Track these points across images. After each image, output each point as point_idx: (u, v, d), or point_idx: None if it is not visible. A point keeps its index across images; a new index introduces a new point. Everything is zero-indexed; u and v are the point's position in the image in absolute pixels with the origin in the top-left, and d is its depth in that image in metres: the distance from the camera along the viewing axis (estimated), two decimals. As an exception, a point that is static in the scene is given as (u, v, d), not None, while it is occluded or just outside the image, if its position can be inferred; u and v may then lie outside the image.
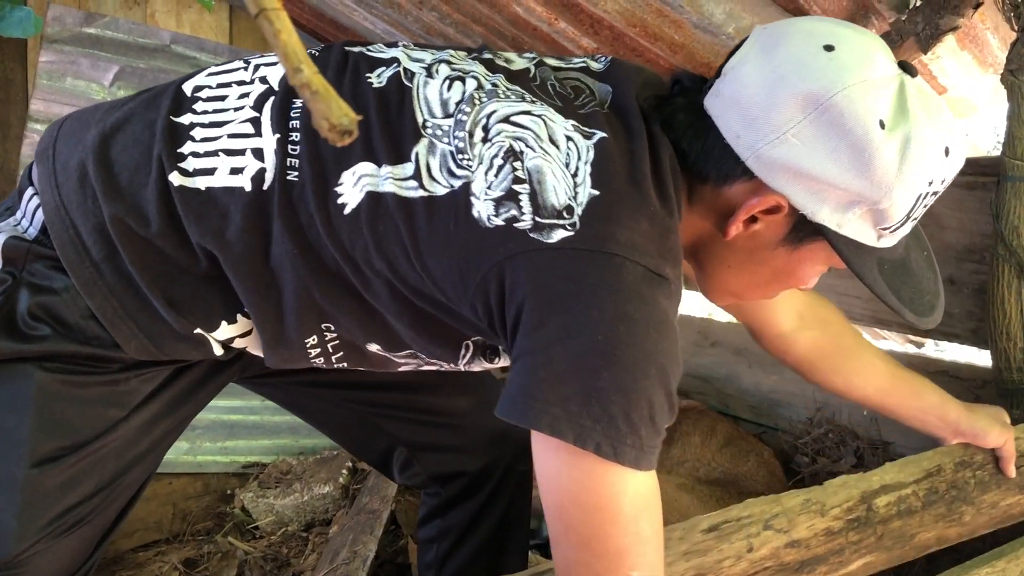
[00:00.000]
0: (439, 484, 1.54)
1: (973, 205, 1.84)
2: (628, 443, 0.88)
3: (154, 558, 2.29)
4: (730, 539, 1.14)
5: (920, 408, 1.46)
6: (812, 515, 1.23)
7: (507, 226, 0.92)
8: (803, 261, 1.08)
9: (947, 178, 1.00)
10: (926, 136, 0.95)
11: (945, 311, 1.94)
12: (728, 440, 2.25)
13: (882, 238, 1.02)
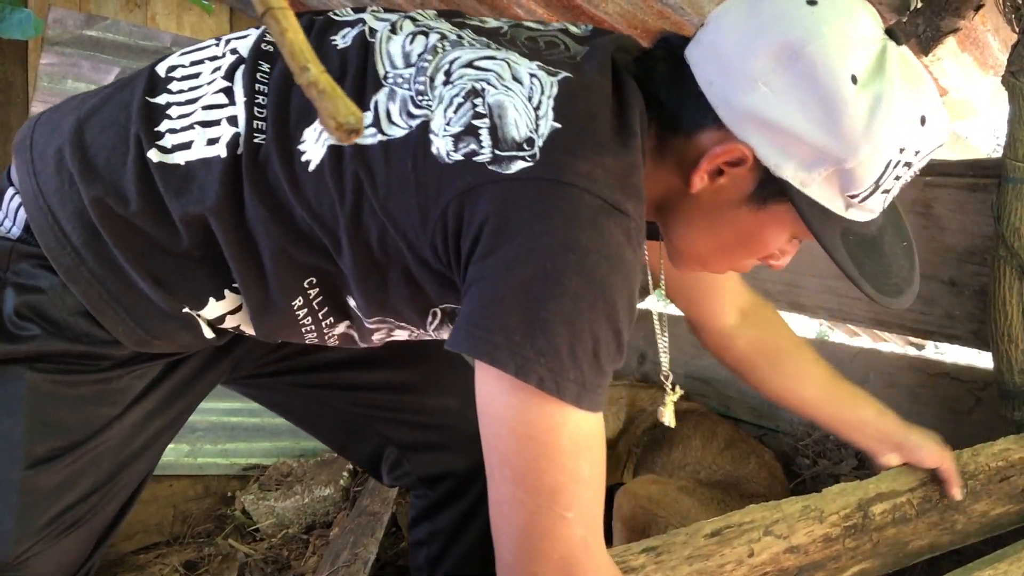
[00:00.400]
0: (427, 486, 1.53)
1: (974, 207, 1.84)
2: (571, 378, 0.86)
3: (154, 560, 2.29)
4: (732, 544, 1.15)
5: (859, 419, 1.44)
6: (811, 521, 1.23)
7: (466, 160, 0.91)
8: (768, 225, 1.04)
9: (923, 150, 0.96)
10: (900, 98, 0.92)
11: (946, 312, 1.95)
12: (729, 443, 2.24)
13: (851, 208, 0.99)
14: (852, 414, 1.44)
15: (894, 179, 0.97)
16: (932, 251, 1.95)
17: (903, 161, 0.95)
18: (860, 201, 0.97)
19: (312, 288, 1.07)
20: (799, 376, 1.45)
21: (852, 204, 0.98)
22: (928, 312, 1.99)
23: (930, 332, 2.00)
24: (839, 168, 0.94)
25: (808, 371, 1.45)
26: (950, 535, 1.41)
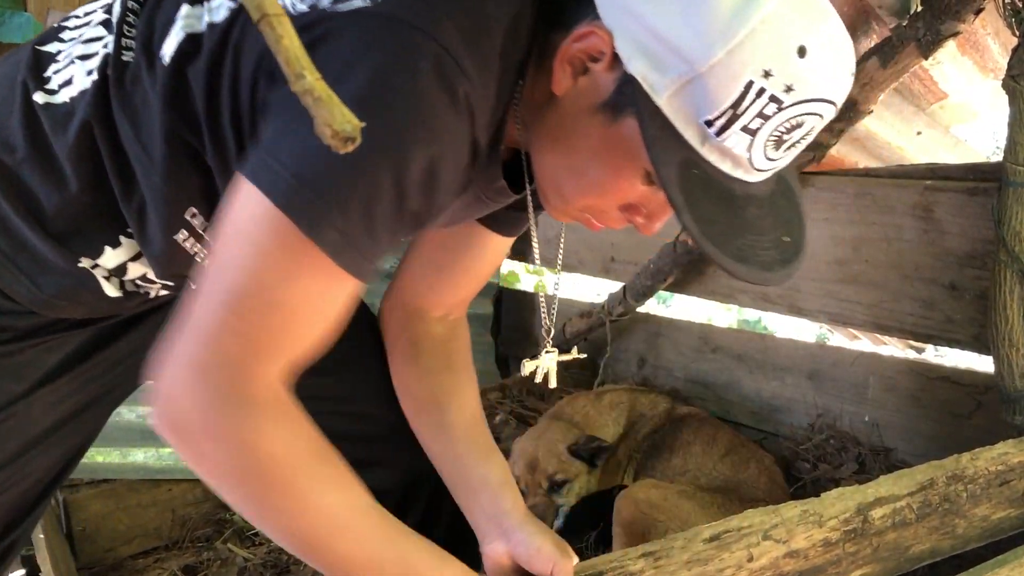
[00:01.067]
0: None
1: (974, 211, 1.83)
2: (334, 223, 0.78)
3: (153, 565, 2.28)
4: (731, 548, 1.14)
5: (481, 476, 1.19)
6: (810, 526, 1.22)
7: (311, 11, 0.85)
8: (619, 146, 0.89)
9: (797, 87, 0.80)
10: (780, 11, 0.79)
11: (946, 316, 1.95)
12: (730, 448, 2.23)
13: (707, 144, 0.83)
14: (476, 469, 1.20)
15: (758, 116, 0.81)
16: (932, 255, 1.95)
17: (769, 92, 0.79)
18: (718, 134, 0.82)
19: (194, 218, 1.00)
20: (449, 394, 1.25)
21: (709, 138, 0.82)
22: (928, 316, 1.98)
23: (930, 336, 2.00)
24: (692, 76, 0.80)
25: (460, 397, 1.25)
26: (951, 539, 1.40)
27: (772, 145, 0.83)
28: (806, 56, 0.79)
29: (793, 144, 0.85)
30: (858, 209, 2.09)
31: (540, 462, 2.17)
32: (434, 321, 1.28)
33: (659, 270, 2.53)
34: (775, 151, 0.84)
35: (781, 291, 2.32)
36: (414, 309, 1.28)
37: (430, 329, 1.28)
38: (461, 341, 1.30)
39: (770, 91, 0.79)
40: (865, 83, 1.83)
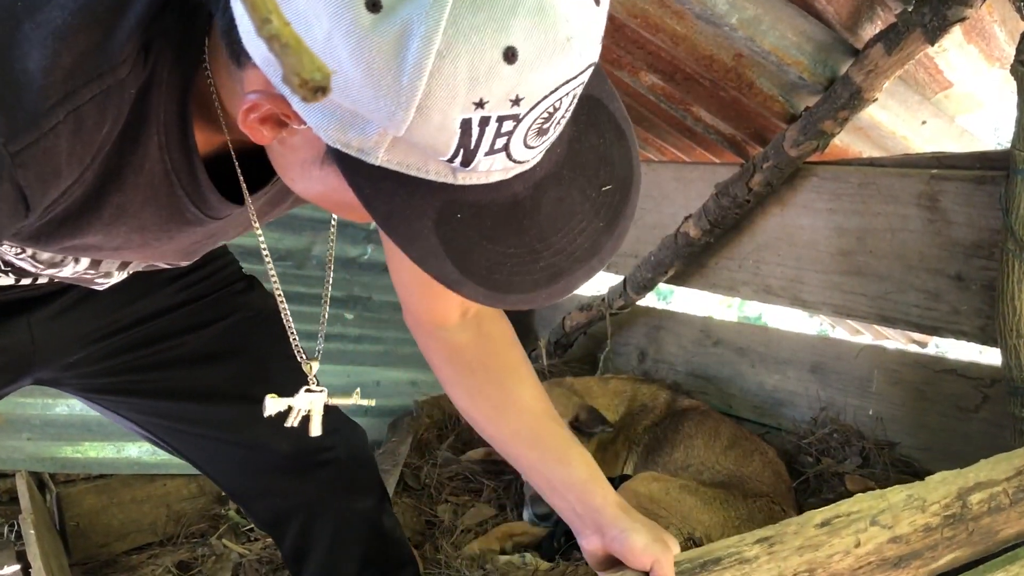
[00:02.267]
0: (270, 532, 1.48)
1: (982, 200, 1.80)
2: None
3: (147, 561, 2.25)
4: (840, 534, 1.14)
5: (562, 480, 1.12)
6: (914, 511, 1.23)
7: None
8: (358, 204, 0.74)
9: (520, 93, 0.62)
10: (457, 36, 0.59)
11: (953, 308, 1.92)
12: (733, 442, 2.21)
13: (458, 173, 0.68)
14: (557, 471, 1.13)
15: (497, 136, 0.65)
16: (938, 245, 1.92)
17: (494, 116, 0.63)
18: (465, 167, 0.67)
19: None
20: (505, 406, 1.17)
21: (457, 169, 0.67)
22: (934, 307, 1.95)
23: (936, 328, 1.97)
24: (394, 137, 0.65)
25: (518, 403, 1.17)
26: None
27: (535, 136, 0.68)
28: (517, 59, 0.61)
29: (561, 119, 0.69)
30: (862, 199, 2.06)
31: None
32: (455, 330, 1.20)
33: (660, 262, 2.50)
34: (543, 136, 0.69)
35: (783, 283, 2.29)
36: (429, 325, 1.21)
37: (454, 339, 1.20)
38: (494, 340, 1.20)
39: (495, 114, 0.63)
40: (870, 70, 1.80)
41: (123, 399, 1.35)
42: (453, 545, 2.07)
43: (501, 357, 1.19)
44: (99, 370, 1.31)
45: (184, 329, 1.32)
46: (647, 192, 2.65)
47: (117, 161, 0.80)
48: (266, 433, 1.32)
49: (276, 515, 1.45)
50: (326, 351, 2.78)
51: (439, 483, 2.36)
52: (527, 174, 0.71)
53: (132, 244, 0.91)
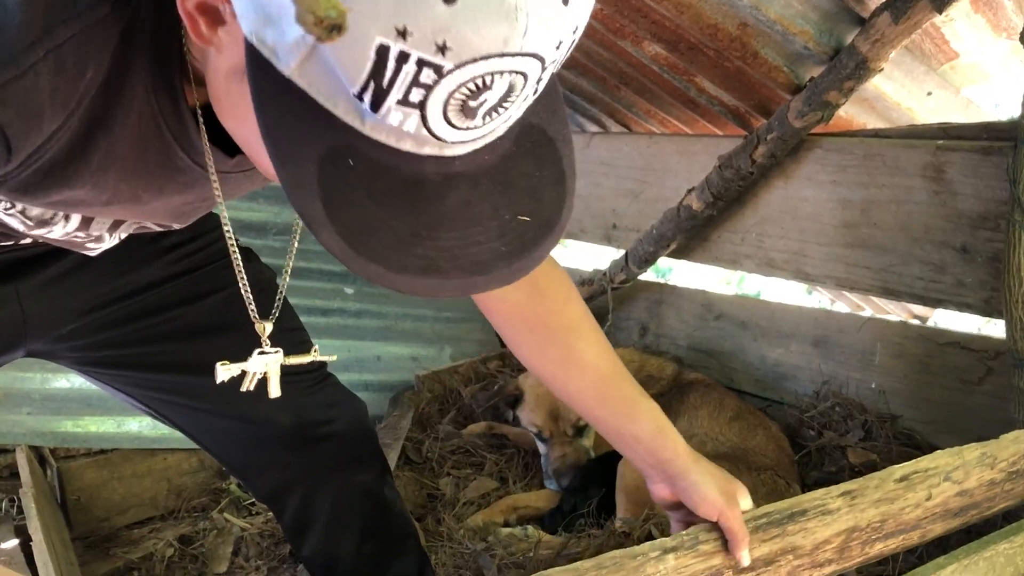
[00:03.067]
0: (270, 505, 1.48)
1: (989, 171, 1.79)
2: None
3: (148, 535, 2.25)
4: (916, 488, 1.20)
5: (632, 435, 1.16)
6: (985, 468, 1.28)
7: None
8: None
9: (449, 43, 0.57)
10: None
11: (957, 280, 1.91)
12: (737, 414, 2.21)
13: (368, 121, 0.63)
14: (625, 426, 1.16)
15: (414, 86, 0.60)
16: (943, 217, 1.90)
17: (414, 56, 0.58)
18: (374, 110, 0.62)
19: None
20: (567, 363, 1.18)
21: (366, 114, 0.63)
22: (939, 280, 1.94)
23: (940, 300, 1.96)
24: (312, 41, 0.59)
25: (581, 361, 1.17)
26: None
27: (458, 113, 0.63)
28: (456, 1, 0.56)
29: (496, 107, 0.64)
30: (867, 171, 2.05)
31: (562, 410, 2.19)
32: (507, 289, 1.18)
33: (662, 236, 2.49)
34: (468, 119, 0.64)
35: (787, 256, 2.28)
36: None
37: (508, 299, 1.17)
38: (550, 297, 1.18)
39: (416, 54, 0.58)
40: (876, 39, 1.77)
41: (120, 372, 1.33)
42: (455, 517, 2.07)
43: (560, 315, 1.18)
44: (94, 343, 1.29)
45: (180, 301, 1.31)
46: (649, 165, 2.63)
47: (103, 106, 0.78)
48: (265, 407, 1.30)
49: (276, 489, 1.44)
50: (326, 326, 2.78)
51: (441, 457, 2.36)
52: (443, 162, 0.67)
53: (122, 197, 0.89)
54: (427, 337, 3.00)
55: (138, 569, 2.09)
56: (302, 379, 1.37)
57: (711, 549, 1.03)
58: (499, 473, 2.29)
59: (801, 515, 1.10)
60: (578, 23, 0.63)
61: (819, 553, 1.11)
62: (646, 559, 0.98)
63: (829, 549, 1.12)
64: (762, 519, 1.08)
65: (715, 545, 1.03)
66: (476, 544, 1.91)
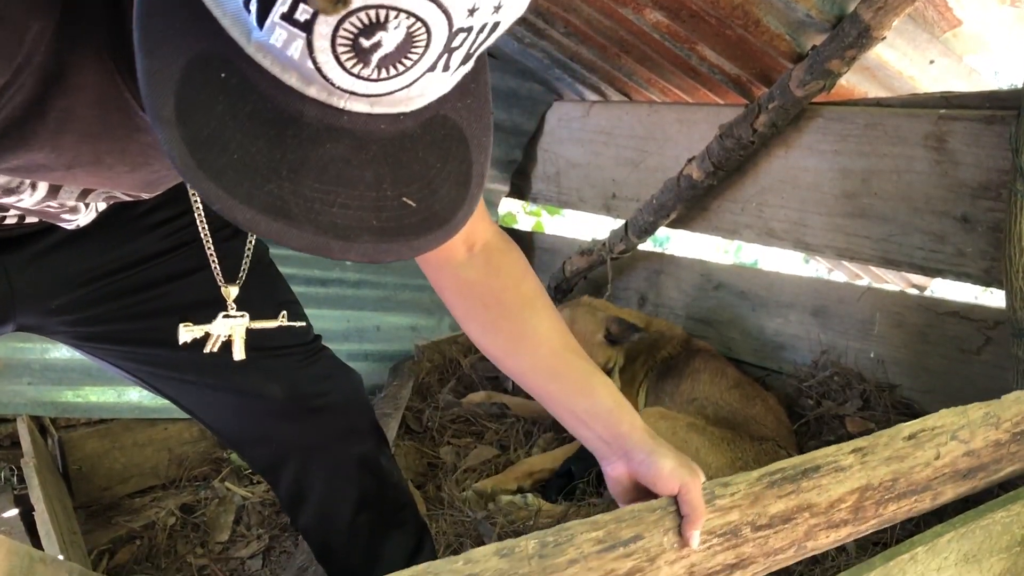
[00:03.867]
0: (266, 476, 1.48)
1: (991, 140, 1.78)
2: None
3: (150, 504, 2.26)
4: (924, 447, 1.22)
5: (586, 410, 1.11)
6: (989, 427, 1.30)
7: None
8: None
9: None
10: None
11: (957, 250, 1.90)
12: (737, 383, 2.23)
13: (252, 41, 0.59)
14: (579, 401, 1.11)
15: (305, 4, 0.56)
16: (944, 187, 1.90)
17: None
18: (260, 25, 0.58)
19: None
20: (522, 339, 1.14)
21: (252, 32, 0.59)
22: (939, 249, 1.94)
23: (940, 270, 1.96)
24: None
25: (535, 336, 1.14)
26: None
27: (349, 55, 0.58)
28: None
29: (393, 59, 0.60)
30: (868, 140, 2.04)
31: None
32: (462, 266, 1.17)
33: (662, 205, 2.48)
34: (361, 63, 0.59)
35: (787, 226, 2.27)
36: (435, 260, 1.18)
37: (463, 276, 1.17)
38: (505, 274, 1.17)
39: None
40: (879, 7, 1.76)
41: (112, 347, 1.33)
42: (455, 483, 2.09)
43: (514, 291, 1.16)
44: (85, 318, 1.28)
45: (169, 277, 1.30)
46: (650, 134, 2.62)
47: (56, 62, 0.75)
48: (259, 380, 1.31)
49: (271, 460, 1.44)
50: (325, 296, 2.78)
51: (441, 426, 2.37)
52: (329, 111, 0.62)
53: (83, 160, 0.87)
54: (426, 307, 3.00)
55: (140, 538, 2.10)
56: (294, 352, 1.36)
57: (728, 504, 1.02)
58: (499, 441, 2.30)
59: (814, 471, 1.10)
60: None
61: (834, 512, 1.12)
62: (664, 512, 0.97)
63: (844, 508, 1.13)
64: (776, 474, 1.08)
65: (731, 500, 1.03)
66: (477, 512, 1.93)
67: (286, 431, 1.39)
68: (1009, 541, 1.33)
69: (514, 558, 0.87)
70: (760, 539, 1.05)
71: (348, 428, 1.42)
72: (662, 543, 0.97)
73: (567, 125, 2.94)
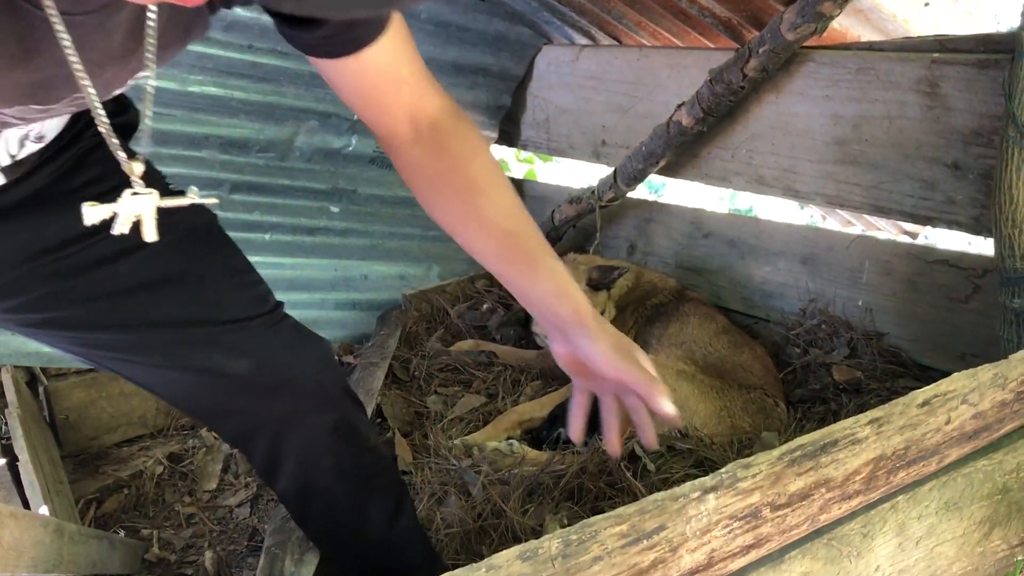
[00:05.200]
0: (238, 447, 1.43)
1: (984, 85, 1.75)
2: None
3: (138, 453, 2.27)
4: (936, 413, 1.21)
5: (534, 292, 1.15)
6: (997, 389, 1.28)
7: None
8: None
9: None
10: None
11: (947, 198, 1.88)
12: (725, 329, 2.23)
13: None
14: (527, 284, 1.15)
15: None
16: (936, 133, 1.87)
17: None
18: None
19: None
20: (468, 222, 1.16)
21: None
22: (929, 197, 1.92)
23: (930, 218, 1.94)
24: None
25: (482, 219, 1.15)
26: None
27: None
28: None
29: None
30: (859, 85, 2.00)
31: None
32: (410, 146, 1.15)
33: (651, 153, 2.45)
34: None
35: (777, 173, 2.25)
36: (386, 139, 1.16)
37: (411, 156, 1.16)
38: (455, 155, 1.15)
39: None
40: (874, -53, 1.71)
41: (62, 333, 1.27)
42: (442, 431, 2.09)
43: (460, 173, 1.15)
44: (30, 302, 1.22)
45: (117, 254, 1.22)
46: (640, 79, 2.58)
47: None
48: (221, 357, 1.26)
49: (242, 434, 1.40)
50: (312, 245, 2.76)
51: (428, 375, 2.36)
52: None
53: None
54: (414, 256, 2.98)
55: (128, 487, 2.11)
56: (255, 322, 1.30)
57: (749, 486, 1.02)
58: (487, 390, 2.30)
59: (832, 445, 1.10)
60: None
61: (849, 485, 1.12)
62: (687, 500, 0.98)
63: (858, 480, 1.13)
64: (796, 452, 1.08)
65: (752, 482, 1.03)
66: (462, 461, 1.93)
67: (255, 405, 1.34)
68: (991, 489, 1.33)
69: (537, 560, 0.87)
70: (778, 518, 1.06)
71: (320, 398, 1.37)
72: (684, 532, 0.97)
73: (557, 70, 2.89)
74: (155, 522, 1.98)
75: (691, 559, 0.98)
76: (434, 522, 1.75)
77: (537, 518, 1.71)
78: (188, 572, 1.80)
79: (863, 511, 1.20)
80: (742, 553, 1.04)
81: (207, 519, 1.99)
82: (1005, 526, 1.38)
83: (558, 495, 1.75)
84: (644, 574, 0.94)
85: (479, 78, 2.91)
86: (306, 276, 2.77)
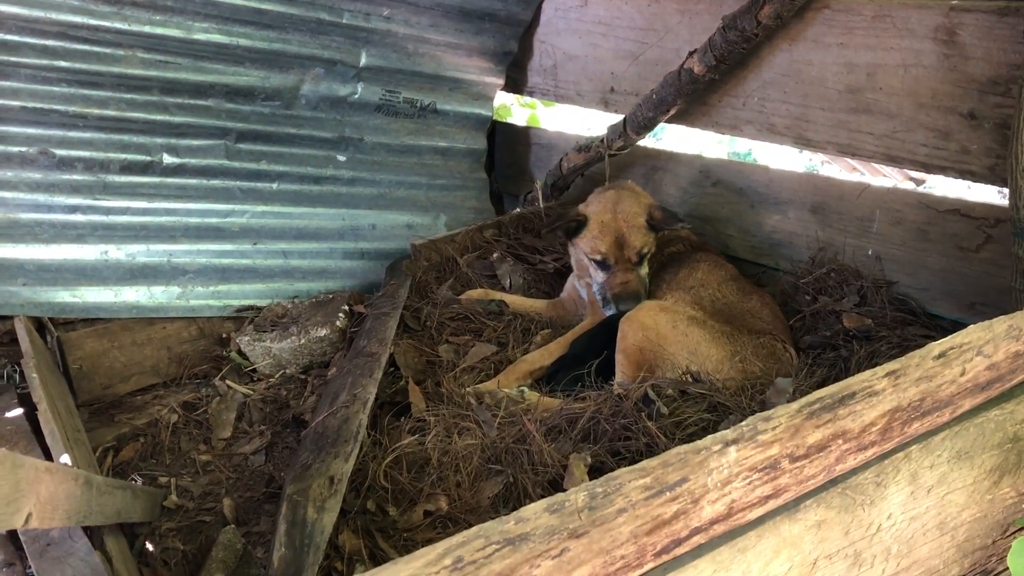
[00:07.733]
0: None
1: (1004, 33, 1.73)
2: None
3: (152, 401, 2.29)
4: (951, 365, 1.24)
5: None
6: (1011, 340, 1.31)
7: None
8: None
9: None
10: None
11: (962, 147, 1.88)
12: (733, 277, 2.24)
13: None
14: None
15: None
16: (952, 82, 1.86)
17: None
18: None
19: None
20: None
21: None
22: (943, 146, 1.91)
23: (944, 168, 1.93)
24: None
25: None
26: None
27: None
28: None
29: None
30: (875, 33, 1.98)
31: (628, 238, 2.25)
32: None
33: (662, 100, 2.43)
34: None
35: (789, 121, 2.23)
36: None
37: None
38: None
39: None
40: None
41: None
42: (453, 379, 2.10)
43: None
44: None
45: None
46: (650, 25, 2.54)
47: None
48: None
49: None
50: (319, 194, 2.75)
51: (440, 324, 2.37)
52: None
53: None
54: (422, 205, 2.97)
55: (144, 435, 2.13)
56: None
57: (769, 439, 1.05)
58: (497, 339, 2.31)
59: (850, 398, 1.13)
60: None
61: (865, 436, 1.14)
62: (709, 453, 1.00)
63: (874, 431, 1.15)
64: (815, 404, 1.10)
65: (772, 434, 1.05)
66: (470, 407, 1.94)
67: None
68: (1002, 438, 1.35)
69: (564, 513, 0.89)
70: (796, 469, 1.08)
71: None
72: (706, 484, 0.99)
73: (564, 15, 2.85)
74: (172, 470, 2.01)
75: (712, 510, 1.01)
76: (449, 452, 1.76)
77: (560, 452, 1.72)
78: (207, 519, 1.83)
79: (877, 461, 1.22)
80: (760, 503, 1.06)
81: (223, 467, 2.02)
82: (1015, 474, 1.40)
83: (576, 436, 1.77)
84: (666, 525, 0.96)
85: (485, 23, 2.87)
86: (314, 225, 2.77)
